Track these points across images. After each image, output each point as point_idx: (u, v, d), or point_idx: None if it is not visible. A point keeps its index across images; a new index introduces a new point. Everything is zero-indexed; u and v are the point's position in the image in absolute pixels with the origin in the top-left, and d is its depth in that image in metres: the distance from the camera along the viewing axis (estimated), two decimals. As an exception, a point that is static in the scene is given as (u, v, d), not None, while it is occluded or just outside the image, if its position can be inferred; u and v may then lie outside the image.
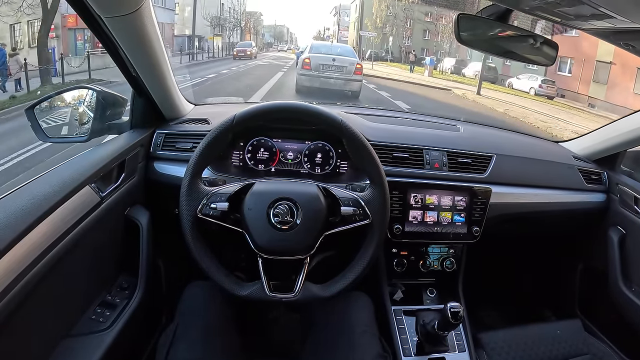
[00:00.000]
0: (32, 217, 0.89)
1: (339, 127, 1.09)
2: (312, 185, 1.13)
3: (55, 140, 1.39)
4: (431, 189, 1.41)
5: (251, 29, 47.50)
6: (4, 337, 0.83)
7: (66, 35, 20.41)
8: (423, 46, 32.31)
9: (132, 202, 1.37)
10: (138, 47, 1.17)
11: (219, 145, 1.10)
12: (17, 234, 0.83)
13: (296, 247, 1.07)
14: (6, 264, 0.80)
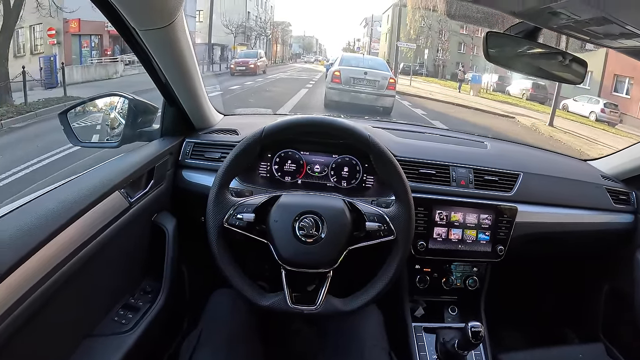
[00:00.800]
0: (62, 220, 0.97)
1: (366, 143, 1.16)
2: (337, 199, 1.19)
3: (86, 145, 1.50)
4: (457, 206, 1.47)
5: (278, 39, 47.75)
6: (29, 333, 0.90)
7: (69, 41, 20.22)
8: (458, 60, 31.79)
9: (159, 209, 1.47)
10: (170, 59, 1.27)
11: (247, 157, 1.18)
12: (47, 236, 0.91)
13: (320, 260, 1.13)
14: (35, 264, 0.88)
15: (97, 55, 22.35)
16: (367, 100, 10.64)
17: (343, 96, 10.69)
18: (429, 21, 31.82)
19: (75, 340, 1.14)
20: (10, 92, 11.97)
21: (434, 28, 32.16)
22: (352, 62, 11.94)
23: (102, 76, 19.08)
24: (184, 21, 1.19)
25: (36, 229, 0.91)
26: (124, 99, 1.51)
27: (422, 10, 30.81)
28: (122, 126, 1.52)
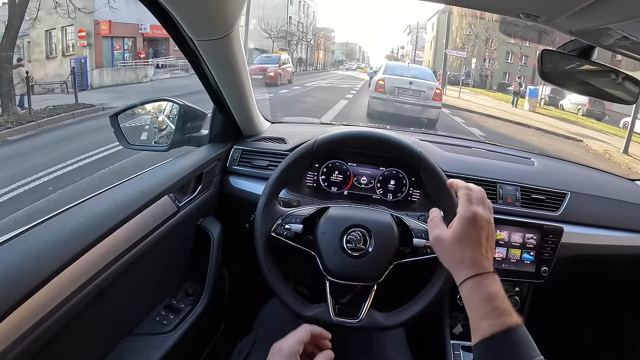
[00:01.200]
0: (112, 222, 1.03)
1: (417, 159, 1.19)
2: (386, 214, 1.23)
3: (136, 148, 1.59)
4: (502, 224, 1.48)
5: (320, 45, 47.87)
6: (74, 328, 0.95)
7: (100, 43, 20.44)
8: (505, 70, 31.26)
9: (205, 213, 1.55)
10: (224, 68, 1.35)
11: (298, 168, 1.24)
12: (98, 236, 0.97)
13: (365, 274, 1.16)
14: (84, 264, 0.93)
15: (130, 58, 22.61)
16: (412, 112, 10.66)
17: (387, 106, 10.74)
18: (476, 29, 31.24)
19: (116, 338, 1.20)
20: (13, 99, 11.58)
21: (481, 36, 31.40)
22: (397, 71, 11.99)
23: (131, 80, 19.32)
24: (240, 33, 1.25)
25: (88, 229, 0.97)
26: (174, 104, 1.60)
27: (469, 17, 30.16)
28: (170, 130, 1.61)
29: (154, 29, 23.65)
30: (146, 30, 23.37)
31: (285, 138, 1.70)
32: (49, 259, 0.87)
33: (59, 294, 0.87)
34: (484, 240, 0.86)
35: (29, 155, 7.88)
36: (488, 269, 0.84)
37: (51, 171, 6.61)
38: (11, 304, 0.77)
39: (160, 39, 25.12)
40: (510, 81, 29.94)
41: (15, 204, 5.34)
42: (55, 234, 0.92)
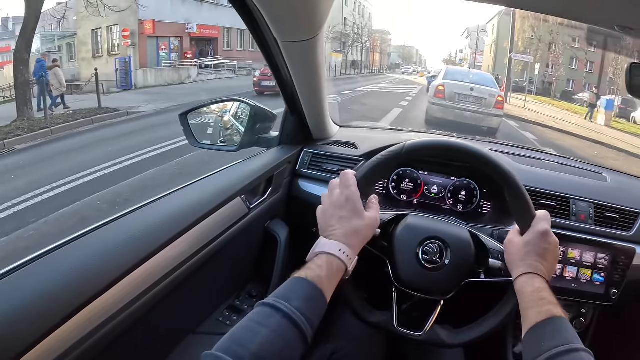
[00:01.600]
0: (188, 221, 1.08)
1: (504, 177, 1.15)
2: (464, 229, 1.22)
3: (205, 147, 1.65)
4: (575, 242, 1.44)
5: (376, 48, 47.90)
6: (141, 323, 0.98)
7: (145, 43, 20.97)
8: (569, 77, 29.73)
9: (273, 216, 1.60)
10: (304, 71, 1.39)
11: (382, 171, 1.21)
12: (173, 235, 1.02)
13: (436, 288, 1.15)
14: (159, 262, 0.98)
15: (176, 58, 23.13)
16: (472, 120, 10.60)
17: (446, 113, 10.76)
18: (539, 32, 30.17)
19: (179, 336, 1.25)
20: (30, 104, 11.30)
21: (545, 40, 30.58)
22: (458, 77, 11.82)
23: (174, 80, 19.66)
24: (324, 36, 1.26)
25: (163, 228, 1.02)
26: (245, 104, 1.64)
27: (532, 19, 29.58)
28: (236, 130, 1.67)
29: (201, 29, 24.29)
30: (193, 29, 23.92)
31: (356, 143, 1.71)
32: (124, 256, 0.91)
33: (132, 291, 0.92)
34: (549, 254, 1.01)
35: (16, 173, 7.36)
36: (544, 274, 0.98)
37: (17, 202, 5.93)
38: (86, 299, 0.81)
39: (207, 38, 25.72)
40: (574, 89, 28.99)
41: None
42: (131, 231, 0.97)
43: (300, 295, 0.84)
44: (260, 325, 0.77)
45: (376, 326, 1.19)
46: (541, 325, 0.88)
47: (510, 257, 1.06)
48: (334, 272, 0.92)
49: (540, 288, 0.95)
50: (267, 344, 0.74)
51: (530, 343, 0.89)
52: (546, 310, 0.89)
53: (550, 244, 1.02)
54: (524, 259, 1.01)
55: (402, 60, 60.07)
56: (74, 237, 0.93)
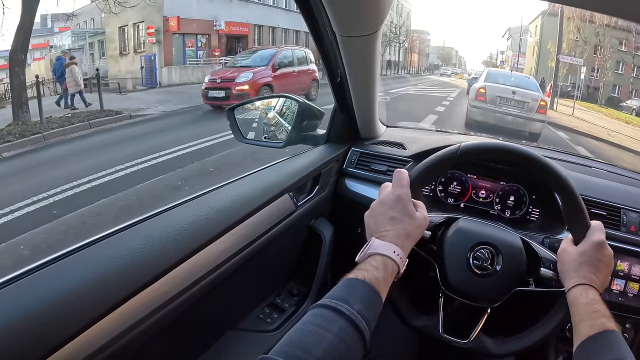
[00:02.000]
0: (236, 216, 1.11)
1: (560, 184, 1.14)
2: (516, 236, 1.21)
3: (251, 142, 1.70)
4: (624, 254, 1.42)
5: (415, 48, 47.66)
6: (185, 316, 1.02)
7: (170, 40, 20.92)
8: (616, 82, 28.40)
9: (318, 214, 1.63)
10: (359, 67, 1.41)
11: (436, 172, 1.21)
12: (221, 230, 1.05)
13: (486, 295, 1.15)
14: (206, 256, 1.02)
15: (203, 55, 23.13)
16: (514, 124, 10.70)
17: (487, 116, 10.84)
18: (585, 34, 29.20)
19: (220, 331, 1.29)
20: (26, 107, 10.74)
21: (591, 42, 29.95)
22: (499, 79, 12.11)
23: (199, 79, 19.21)
24: (382, 31, 1.27)
25: (211, 222, 1.04)
26: (292, 101, 1.68)
27: (577, 20, 29.05)
28: (281, 126, 1.71)
29: (230, 26, 24.16)
30: (221, 26, 23.75)
31: (404, 144, 1.74)
32: (171, 250, 0.94)
33: (176, 284, 0.95)
34: (603, 266, 1.01)
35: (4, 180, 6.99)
36: (598, 286, 0.97)
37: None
38: (130, 292, 0.84)
39: (237, 36, 25.54)
40: (620, 95, 27.74)
41: None
42: (179, 224, 1.00)
43: (359, 297, 0.84)
44: (323, 329, 0.76)
45: (421, 331, 1.20)
46: (594, 338, 0.87)
47: (563, 266, 1.07)
48: (388, 274, 0.93)
49: (594, 300, 0.95)
50: (331, 349, 0.73)
51: (582, 357, 0.88)
52: (600, 323, 0.89)
53: (605, 255, 1.03)
54: (578, 269, 1.02)
55: (440, 61, 59.28)
56: (117, 228, 0.96)
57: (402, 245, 0.97)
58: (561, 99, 22.53)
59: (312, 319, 0.78)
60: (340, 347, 0.74)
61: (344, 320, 0.78)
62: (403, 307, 1.21)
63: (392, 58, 40.64)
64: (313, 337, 0.74)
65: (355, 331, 0.77)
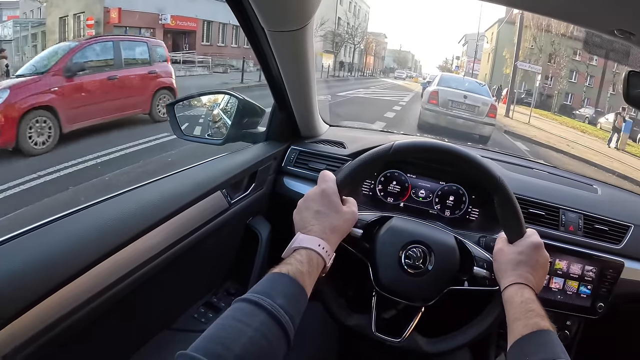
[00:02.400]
0: (163, 212, 1.11)
1: (494, 183, 1.17)
2: (450, 235, 1.26)
3: (190, 139, 1.71)
4: (562, 253, 1.50)
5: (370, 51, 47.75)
6: (111, 316, 1.02)
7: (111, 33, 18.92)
8: (569, 91, 29.85)
9: (255, 212, 1.65)
10: (292, 63, 1.43)
11: (368, 171, 1.23)
12: (147, 226, 1.05)
13: (418, 294, 1.19)
14: (131, 253, 1.01)
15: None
16: (464, 127, 11.36)
17: (439, 119, 11.55)
18: (540, 42, 30.27)
19: (153, 331, 1.29)
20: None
21: (546, 51, 30.43)
22: (452, 84, 12.82)
23: None
24: (313, 27, 1.30)
25: (137, 218, 1.05)
26: (231, 97, 1.71)
27: (534, 29, 29.40)
28: (224, 124, 1.72)
29: (176, 20, 23.49)
30: (166, 20, 23.06)
31: (344, 143, 1.79)
32: (94, 245, 0.94)
33: (101, 282, 0.94)
34: (539, 267, 1.07)
35: None
36: (534, 286, 1.03)
37: None
38: (50, 288, 0.83)
39: (185, 31, 24.84)
40: (572, 103, 28.90)
41: None
42: (103, 220, 0.99)
43: (282, 291, 0.85)
44: (243, 324, 0.76)
45: (353, 330, 1.23)
46: (528, 337, 0.91)
47: (500, 266, 1.11)
48: (314, 268, 0.94)
49: (529, 299, 0.99)
50: (251, 345, 0.73)
51: (515, 356, 0.91)
52: (533, 322, 0.92)
53: (542, 257, 1.09)
54: (515, 268, 1.06)
55: (397, 65, 60.13)
56: (37, 225, 0.94)
57: (328, 239, 1.00)
58: (517, 106, 22.72)
59: (233, 313, 0.79)
60: (261, 343, 0.75)
61: (266, 314, 0.79)
62: (335, 306, 1.24)
63: (347, 59, 40.72)
64: (233, 332, 0.75)
65: (277, 326, 0.79)
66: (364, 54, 46.54)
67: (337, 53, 37.72)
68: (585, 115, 24.63)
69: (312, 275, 0.93)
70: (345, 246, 1.19)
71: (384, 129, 10.79)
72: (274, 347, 0.77)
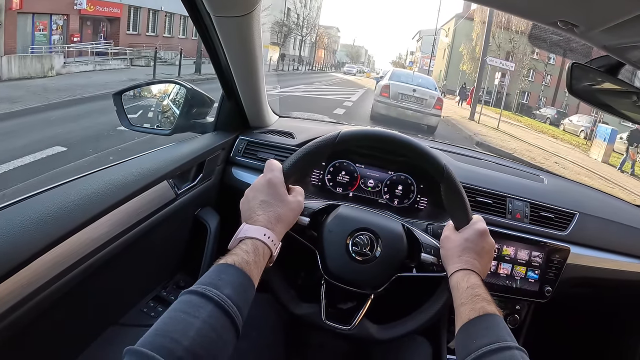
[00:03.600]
0: (106, 203, 1.15)
1: (440, 171, 1.26)
2: (397, 222, 1.38)
3: (138, 129, 1.78)
4: (509, 240, 1.66)
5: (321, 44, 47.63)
6: (55, 313, 1.05)
7: (14, 21, 17.84)
8: (525, 89, 31.53)
9: (204, 204, 1.73)
10: (240, 51, 1.51)
11: (314, 160, 1.30)
12: (89, 217, 1.08)
13: (366, 281, 1.29)
14: (73, 245, 1.03)
15: (60, 41, 20.33)
16: (413, 117, 13.71)
17: (390, 110, 13.81)
18: (499, 40, 31.29)
19: (99, 327, 1.34)
20: None
21: (504, 48, 31.53)
22: (402, 78, 15.31)
23: (37, 72, 16.49)
24: (260, 13, 1.39)
25: (78, 209, 1.07)
26: (180, 87, 1.79)
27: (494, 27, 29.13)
28: (175, 114, 1.80)
29: (95, 5, 21.79)
30: (82, 5, 21.60)
31: (293, 133, 1.92)
32: (34, 237, 0.95)
33: (42, 275, 0.96)
34: (485, 253, 1.18)
35: None
36: (480, 272, 1.13)
37: None
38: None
39: (105, 18, 23.05)
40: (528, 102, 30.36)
41: None
42: (44, 211, 1.01)
43: (229, 282, 0.89)
44: (191, 316, 0.80)
45: (303, 319, 1.32)
46: (474, 322, 0.98)
47: (446, 252, 1.21)
48: (260, 258, 1.00)
49: (475, 284, 1.07)
50: (199, 337, 0.77)
51: (462, 340, 0.99)
52: (479, 307, 1.00)
53: (488, 243, 1.19)
54: (461, 255, 1.16)
55: (349, 59, 60.42)
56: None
57: (274, 229, 1.06)
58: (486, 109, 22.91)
59: (180, 306, 0.83)
60: (209, 334, 0.79)
61: (213, 305, 0.83)
62: (285, 296, 1.33)
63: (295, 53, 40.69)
64: (180, 324, 0.79)
65: (225, 317, 0.83)
66: (314, 48, 46.63)
67: (282, 45, 37.56)
68: (546, 116, 25.73)
69: (259, 264, 0.99)
70: (293, 235, 1.27)
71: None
72: (223, 338, 0.82)
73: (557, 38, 1.31)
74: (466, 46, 35.21)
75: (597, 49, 0.98)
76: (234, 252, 0.98)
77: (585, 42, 0.98)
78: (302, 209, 1.21)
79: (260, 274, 1.01)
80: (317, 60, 49.87)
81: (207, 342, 0.78)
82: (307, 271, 1.48)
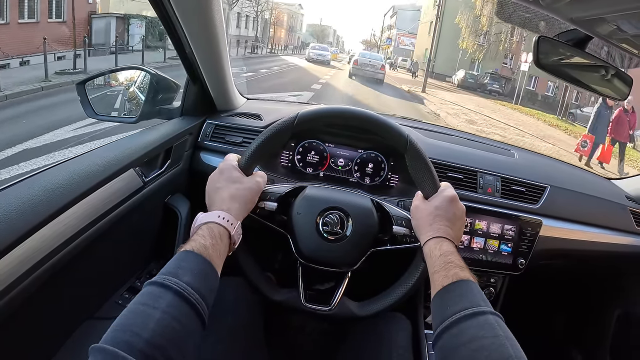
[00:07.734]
0: (71, 195, 1.13)
1: (404, 143, 1.30)
2: (366, 198, 1.38)
3: (103, 118, 1.75)
4: (482, 214, 1.71)
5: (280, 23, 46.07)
6: (28, 311, 1.05)
7: None
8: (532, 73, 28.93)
9: (174, 190, 1.70)
10: (200, 29, 1.47)
11: (275, 143, 1.33)
12: (54, 211, 1.07)
13: (340, 259, 1.31)
14: (39, 241, 1.02)
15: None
16: (370, 74, 25.87)
17: (357, 72, 26.11)
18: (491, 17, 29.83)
19: (74, 322, 1.33)
20: None
21: (494, 30, 31.15)
22: (365, 55, 28.68)
23: None
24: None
25: (43, 203, 1.06)
26: (146, 73, 1.75)
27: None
28: (141, 102, 1.77)
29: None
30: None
31: (261, 115, 1.89)
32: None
33: (10, 273, 0.97)
34: (457, 220, 1.20)
35: None
36: (453, 239, 1.14)
37: None
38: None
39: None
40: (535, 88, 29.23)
41: None
42: (7, 207, 1.01)
43: (188, 269, 0.91)
44: (149, 308, 0.81)
45: (283, 304, 1.34)
46: (447, 288, 1.01)
47: (418, 222, 1.22)
48: (217, 240, 1.02)
49: (448, 252, 1.09)
50: (160, 328, 0.78)
51: (437, 307, 1.00)
52: (453, 273, 1.03)
53: (458, 209, 1.20)
54: (432, 223, 1.17)
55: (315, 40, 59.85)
56: None
57: (228, 209, 1.09)
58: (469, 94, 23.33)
59: (140, 298, 0.84)
60: (171, 324, 0.80)
61: (172, 294, 0.84)
62: (262, 284, 1.35)
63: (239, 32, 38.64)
64: (140, 317, 0.79)
65: (187, 305, 0.85)
66: (270, 26, 45.52)
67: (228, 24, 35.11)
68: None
69: (217, 247, 1.01)
70: (262, 221, 1.32)
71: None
72: (186, 327, 0.83)
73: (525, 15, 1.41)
74: (464, 17, 32.79)
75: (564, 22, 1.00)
76: (192, 239, 1.01)
77: (552, 15, 1.03)
78: (261, 188, 1.24)
79: (223, 257, 1.04)
80: (276, 41, 47.58)
81: (169, 332, 0.79)
82: (282, 256, 1.49)
